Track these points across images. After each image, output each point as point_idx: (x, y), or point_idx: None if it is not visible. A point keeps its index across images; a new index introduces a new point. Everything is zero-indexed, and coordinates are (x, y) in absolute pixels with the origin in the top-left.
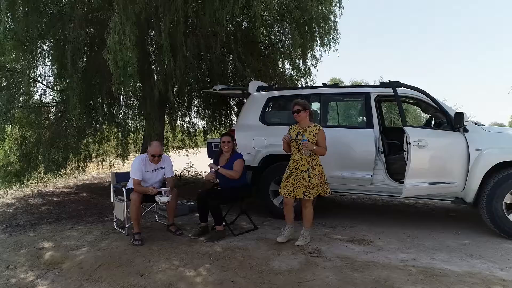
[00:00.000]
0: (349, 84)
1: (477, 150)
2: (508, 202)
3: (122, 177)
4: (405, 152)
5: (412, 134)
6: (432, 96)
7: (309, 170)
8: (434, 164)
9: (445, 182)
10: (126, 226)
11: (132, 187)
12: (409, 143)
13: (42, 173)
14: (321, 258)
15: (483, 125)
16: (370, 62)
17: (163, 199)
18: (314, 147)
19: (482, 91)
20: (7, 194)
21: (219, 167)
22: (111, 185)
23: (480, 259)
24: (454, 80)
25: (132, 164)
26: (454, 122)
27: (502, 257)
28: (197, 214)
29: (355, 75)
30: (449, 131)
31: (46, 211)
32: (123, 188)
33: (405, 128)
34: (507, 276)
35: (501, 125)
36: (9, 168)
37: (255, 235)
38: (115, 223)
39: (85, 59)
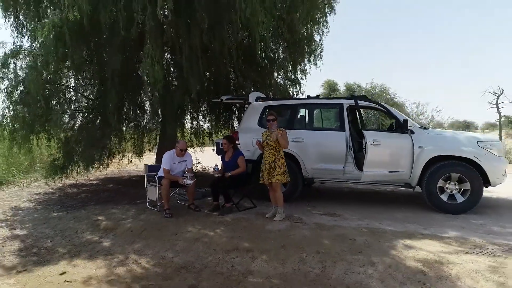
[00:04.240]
0: (342, 86)
1: (420, 147)
2: (440, 185)
3: (153, 168)
4: (364, 149)
5: (369, 136)
6: (386, 106)
7: (275, 160)
8: (386, 157)
9: (396, 171)
10: (158, 204)
11: (162, 175)
12: (366, 142)
13: (81, 167)
14: (302, 223)
15: (426, 128)
16: (366, 65)
17: (189, 181)
18: (280, 134)
19: (478, 94)
20: (48, 186)
21: (229, 174)
22: (145, 174)
23: (413, 224)
24: (453, 83)
25: (163, 158)
26: (402, 127)
27: (429, 222)
28: (209, 198)
29: (350, 77)
30: (399, 133)
31: (85, 197)
32: (156, 176)
33: (364, 131)
34: (425, 231)
35: (493, 124)
36: (56, 162)
37: (254, 211)
38: (147, 203)
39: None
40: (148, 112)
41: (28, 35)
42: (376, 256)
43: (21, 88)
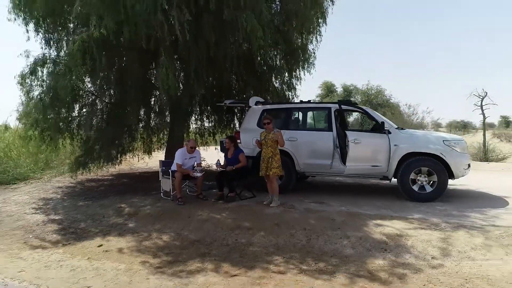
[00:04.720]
0: (339, 87)
1: (395, 145)
2: (412, 178)
3: (166, 164)
4: (347, 146)
5: (350, 135)
6: (366, 110)
7: (271, 156)
8: (365, 154)
9: (375, 165)
10: (172, 194)
11: (175, 169)
12: (348, 141)
13: (100, 163)
14: (294, 209)
15: (402, 129)
16: (365, 65)
17: (198, 174)
18: (279, 137)
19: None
20: (74, 179)
21: (233, 167)
22: (159, 168)
23: (386, 209)
24: (453, 82)
25: (176, 154)
26: (379, 127)
27: (400, 208)
28: (214, 190)
29: (347, 78)
30: (378, 133)
31: (104, 190)
32: (170, 170)
33: (346, 131)
34: (394, 214)
35: (491, 124)
36: (80, 159)
37: (254, 200)
38: (162, 193)
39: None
40: (158, 114)
41: (55, 46)
42: (350, 231)
43: (51, 94)
